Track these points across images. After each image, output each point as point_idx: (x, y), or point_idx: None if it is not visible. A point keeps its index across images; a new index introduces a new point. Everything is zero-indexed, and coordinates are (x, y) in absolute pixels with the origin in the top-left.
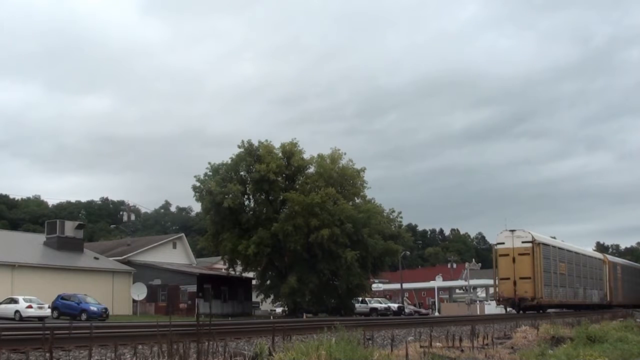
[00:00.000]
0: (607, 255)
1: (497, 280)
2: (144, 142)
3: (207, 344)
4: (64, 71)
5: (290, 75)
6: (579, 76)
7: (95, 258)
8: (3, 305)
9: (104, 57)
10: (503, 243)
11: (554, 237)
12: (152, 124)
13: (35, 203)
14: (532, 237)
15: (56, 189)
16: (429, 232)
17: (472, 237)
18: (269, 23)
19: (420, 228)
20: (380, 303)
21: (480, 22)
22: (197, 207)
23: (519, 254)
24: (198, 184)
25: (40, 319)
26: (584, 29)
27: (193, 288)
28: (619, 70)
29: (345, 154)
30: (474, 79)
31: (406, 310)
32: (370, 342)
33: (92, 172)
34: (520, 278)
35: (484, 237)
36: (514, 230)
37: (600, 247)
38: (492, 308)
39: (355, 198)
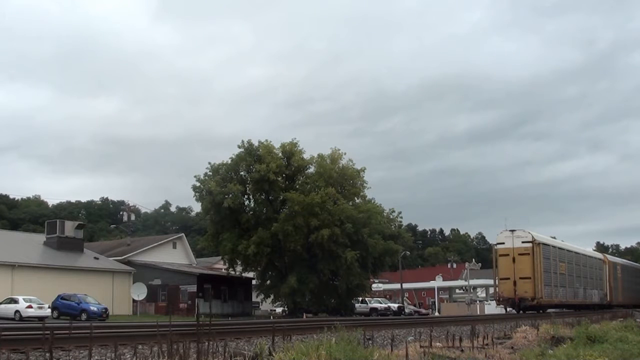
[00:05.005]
0: (607, 255)
1: (497, 280)
2: (150, 144)
3: (207, 344)
4: (74, 74)
5: (297, 79)
6: (582, 79)
7: (95, 258)
8: (3, 305)
9: (114, 60)
10: (503, 243)
11: (554, 237)
12: (159, 126)
13: (35, 203)
14: (532, 237)
15: (62, 190)
16: (429, 232)
17: (472, 237)
18: (277, 27)
19: (420, 228)
20: (380, 303)
21: (485, 27)
22: (197, 207)
23: (519, 254)
24: (198, 184)
25: (40, 319)
26: (588, 33)
27: (193, 288)
28: (621, 73)
29: (345, 154)
30: (478, 82)
31: (406, 310)
32: (370, 342)
33: (98, 173)
34: (520, 278)
35: (484, 237)
36: (514, 230)
37: (600, 247)
38: (492, 308)
39: (355, 198)
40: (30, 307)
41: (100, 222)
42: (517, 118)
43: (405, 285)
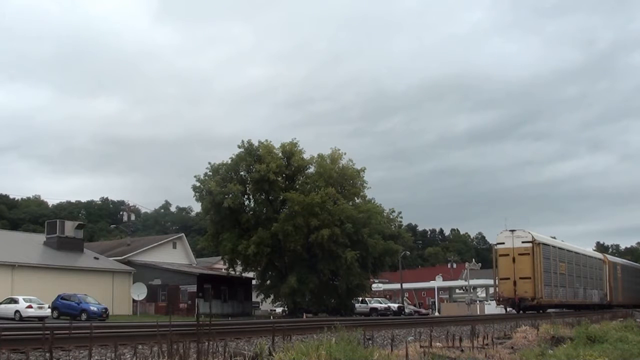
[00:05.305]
0: (607, 255)
1: (497, 280)
2: (150, 144)
3: (207, 344)
4: (74, 74)
5: (297, 79)
6: (582, 79)
7: (95, 258)
8: (3, 305)
9: (114, 60)
10: (503, 243)
11: (554, 237)
12: (159, 126)
13: (35, 203)
14: (532, 237)
15: (62, 190)
16: (429, 232)
17: (472, 237)
18: (277, 27)
19: (420, 228)
20: (380, 303)
21: (486, 27)
22: (197, 207)
23: (519, 254)
24: (198, 184)
25: (40, 319)
26: (588, 33)
27: (193, 288)
28: (621, 73)
29: (345, 154)
30: (478, 82)
31: (406, 310)
32: (370, 342)
33: (98, 173)
34: (520, 278)
35: (484, 237)
36: (514, 230)
37: (600, 247)
38: (492, 308)
39: (355, 198)
40: (30, 307)
41: (100, 222)
42: (517, 118)
43: (405, 285)
